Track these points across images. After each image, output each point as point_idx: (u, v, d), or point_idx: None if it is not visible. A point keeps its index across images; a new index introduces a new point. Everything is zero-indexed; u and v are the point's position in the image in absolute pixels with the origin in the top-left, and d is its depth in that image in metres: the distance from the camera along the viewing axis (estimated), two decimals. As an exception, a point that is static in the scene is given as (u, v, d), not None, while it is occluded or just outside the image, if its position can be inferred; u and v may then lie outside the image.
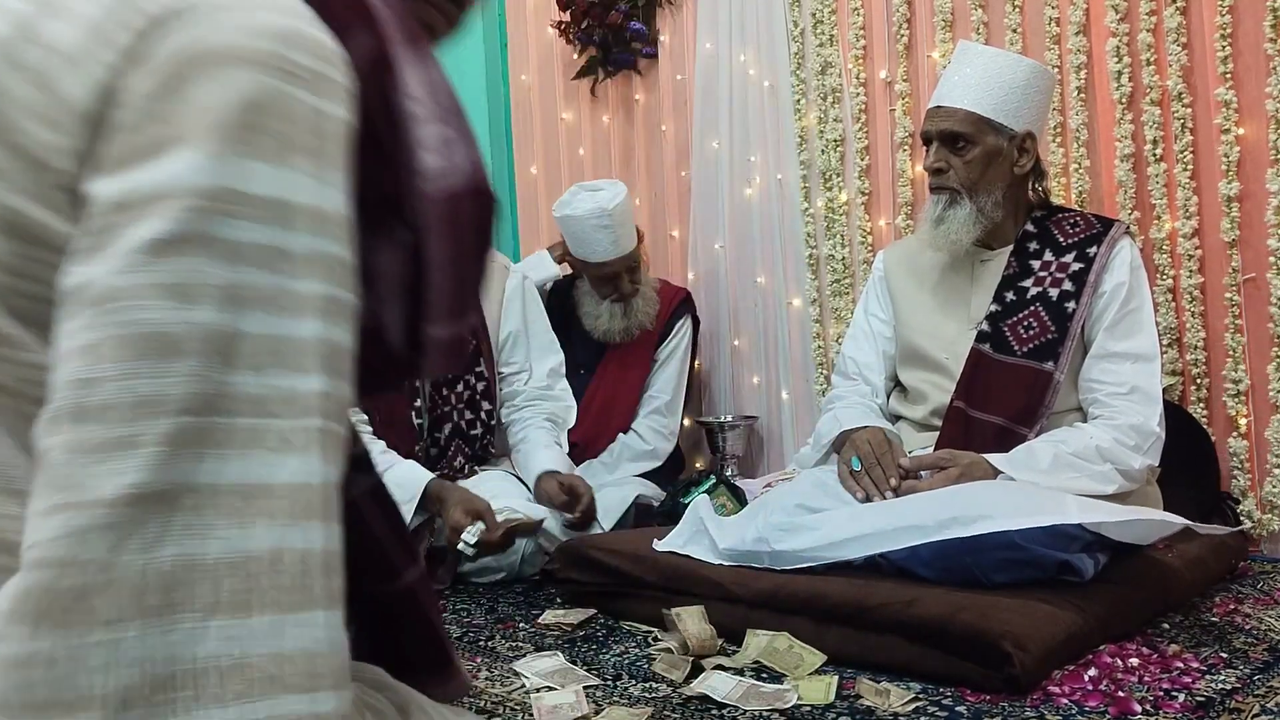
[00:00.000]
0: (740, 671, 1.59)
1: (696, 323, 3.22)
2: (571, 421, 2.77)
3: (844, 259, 3.04)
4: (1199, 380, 2.42)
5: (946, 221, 2.12)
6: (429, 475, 2.33)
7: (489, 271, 0.81)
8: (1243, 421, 2.34)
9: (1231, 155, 2.33)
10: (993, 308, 2.13)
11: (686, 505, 2.22)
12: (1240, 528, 2.17)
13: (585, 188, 2.94)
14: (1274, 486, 2.28)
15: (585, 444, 2.91)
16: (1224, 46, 2.32)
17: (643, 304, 2.97)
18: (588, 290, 3.00)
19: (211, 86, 0.60)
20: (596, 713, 1.46)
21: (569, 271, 3.14)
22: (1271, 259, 2.27)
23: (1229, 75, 2.32)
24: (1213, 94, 2.34)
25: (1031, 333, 2.08)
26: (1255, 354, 2.33)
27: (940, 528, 1.72)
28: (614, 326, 2.95)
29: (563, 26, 3.67)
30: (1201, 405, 2.41)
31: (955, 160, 2.11)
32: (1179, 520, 1.77)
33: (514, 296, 2.72)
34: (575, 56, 3.74)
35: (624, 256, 2.88)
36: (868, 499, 1.98)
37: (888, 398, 2.32)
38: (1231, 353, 2.35)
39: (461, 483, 2.44)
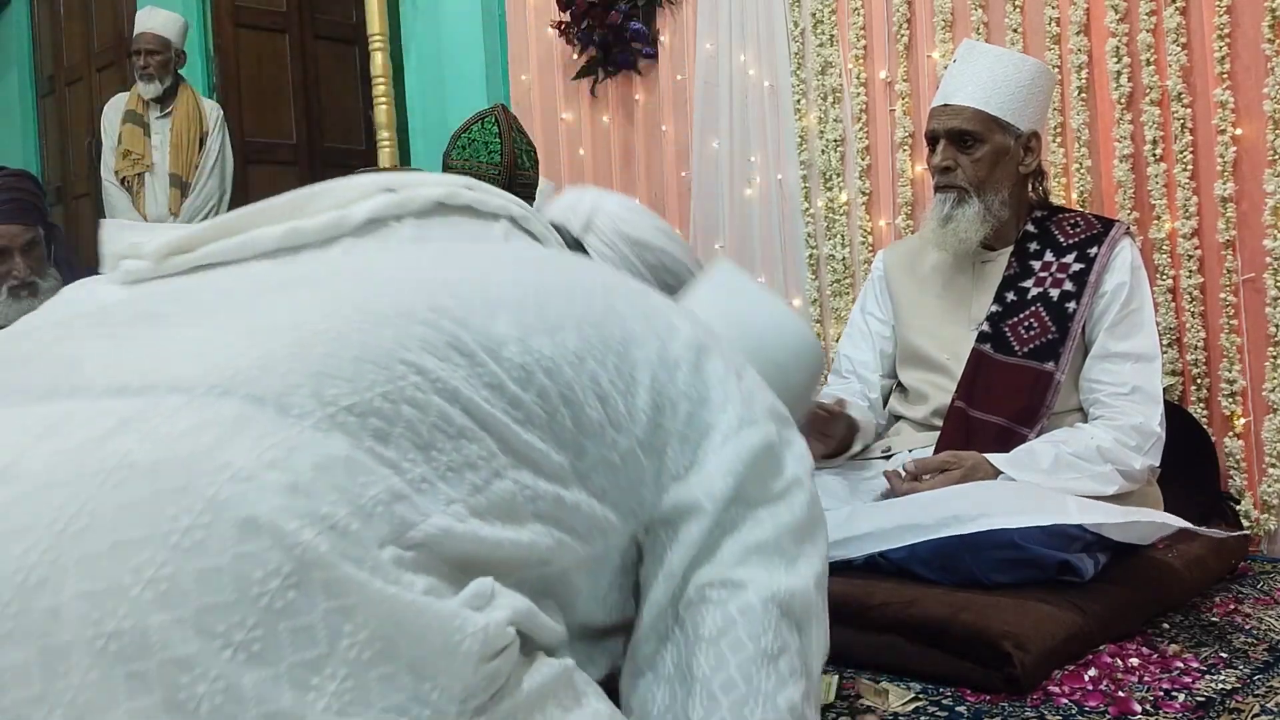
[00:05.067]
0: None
1: None
2: None
3: (844, 259, 3.04)
4: (1199, 380, 2.42)
5: (954, 220, 2.10)
6: None
7: None
8: (1239, 422, 2.34)
9: (1228, 156, 2.33)
10: (993, 308, 2.13)
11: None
12: (1242, 531, 2.16)
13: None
14: (1270, 486, 2.29)
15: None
16: (1221, 47, 2.32)
17: None
18: None
19: None
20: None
21: None
22: (1268, 259, 2.27)
23: (1226, 75, 2.32)
24: (1212, 94, 2.34)
25: (1032, 333, 2.07)
26: (1253, 354, 2.33)
27: (939, 526, 1.72)
28: None
29: (563, 26, 3.67)
30: (1201, 405, 2.41)
31: (963, 159, 2.10)
32: (1178, 521, 1.77)
33: None
34: (575, 56, 3.74)
35: None
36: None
37: (887, 397, 2.32)
38: (1226, 353, 2.35)
39: None
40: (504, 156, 2.22)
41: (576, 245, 1.48)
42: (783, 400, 1.14)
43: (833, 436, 2.10)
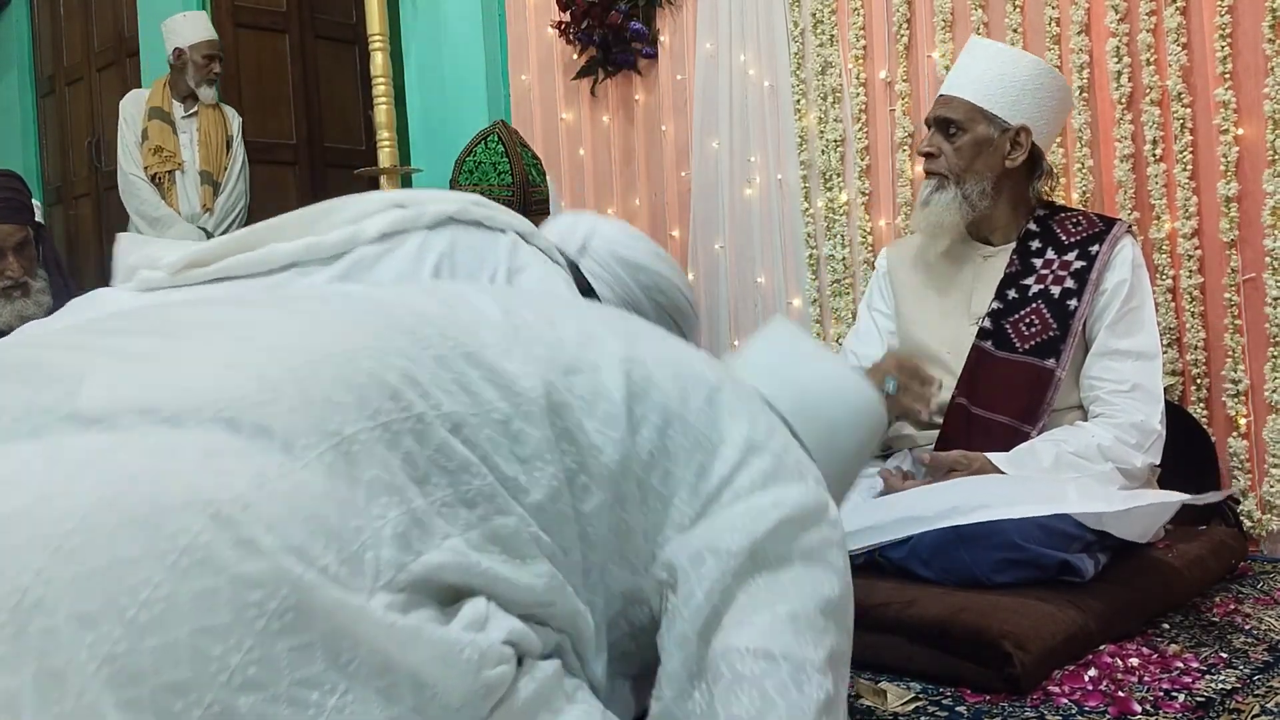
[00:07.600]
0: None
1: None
2: None
3: (844, 259, 3.04)
4: (1199, 380, 2.41)
5: (931, 204, 2.15)
6: None
7: None
8: (1242, 421, 2.34)
9: (1230, 155, 2.32)
10: (994, 305, 2.13)
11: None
12: (1240, 528, 2.16)
13: None
14: (1273, 486, 2.28)
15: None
16: (1223, 47, 2.32)
17: None
18: None
19: None
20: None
21: None
22: (1269, 259, 2.27)
23: (1228, 75, 2.32)
24: (1212, 94, 2.34)
25: (1033, 330, 2.08)
26: (1254, 354, 2.32)
27: (939, 517, 1.72)
28: None
29: (563, 26, 3.67)
30: (1201, 405, 2.41)
31: (946, 146, 2.14)
32: (1177, 496, 1.78)
33: None
34: (575, 56, 3.74)
35: None
36: (903, 417, 1.97)
37: None
38: (1230, 353, 2.34)
39: None
40: (515, 176, 2.22)
41: (572, 267, 1.50)
42: (836, 459, 1.11)
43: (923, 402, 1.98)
